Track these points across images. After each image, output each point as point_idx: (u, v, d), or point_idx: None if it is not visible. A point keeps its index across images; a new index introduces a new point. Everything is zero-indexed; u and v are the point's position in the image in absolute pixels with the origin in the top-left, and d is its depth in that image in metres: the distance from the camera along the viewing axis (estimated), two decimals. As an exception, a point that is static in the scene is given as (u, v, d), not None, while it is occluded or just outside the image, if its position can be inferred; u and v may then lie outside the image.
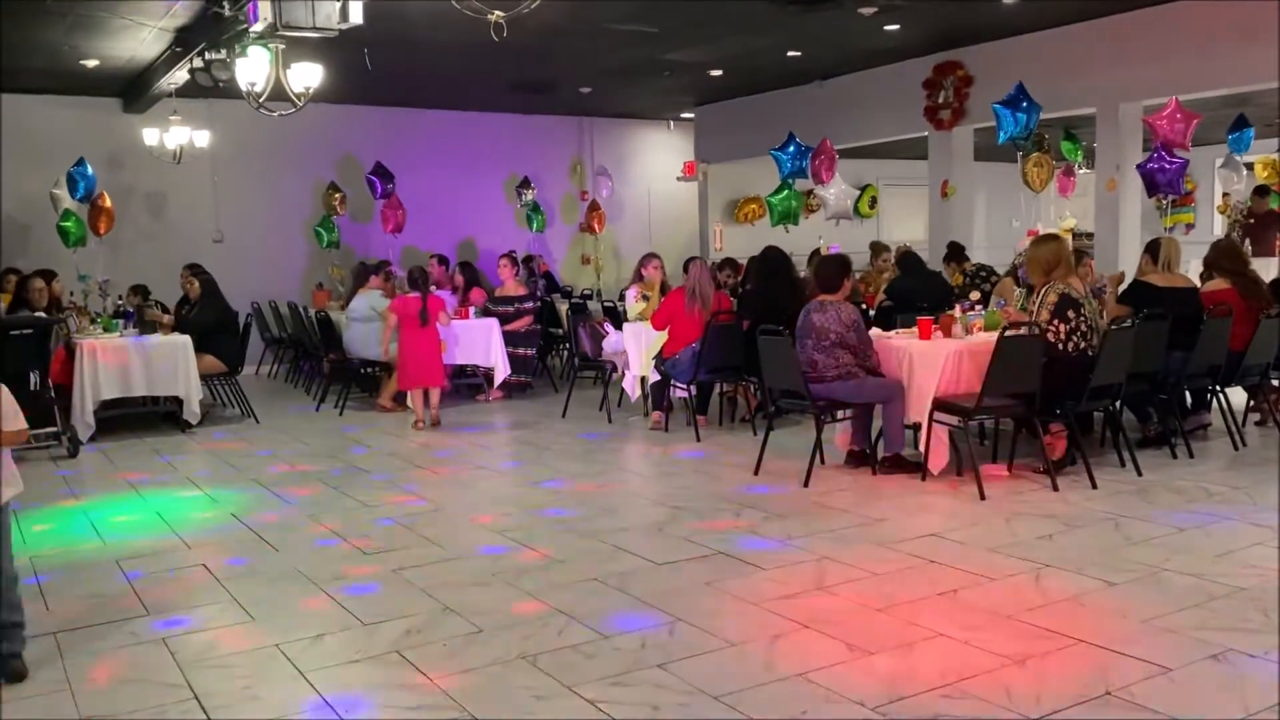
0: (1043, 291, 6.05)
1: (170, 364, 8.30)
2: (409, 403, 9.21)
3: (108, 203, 11.00)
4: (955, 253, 9.84)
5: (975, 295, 7.52)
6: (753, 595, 4.30)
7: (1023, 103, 8.79)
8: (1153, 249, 7.15)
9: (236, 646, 3.90)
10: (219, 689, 3.51)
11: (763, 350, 6.45)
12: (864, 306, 8.77)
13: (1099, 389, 6.04)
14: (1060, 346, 5.92)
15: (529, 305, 10.26)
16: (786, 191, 10.88)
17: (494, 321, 9.68)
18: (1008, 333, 5.83)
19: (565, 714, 3.27)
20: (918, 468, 6.21)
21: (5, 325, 7.70)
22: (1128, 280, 7.49)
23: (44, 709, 3.41)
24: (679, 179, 15.16)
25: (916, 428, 6.30)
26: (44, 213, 11.09)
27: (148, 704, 3.40)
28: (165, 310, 9.79)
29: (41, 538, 5.51)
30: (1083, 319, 5.98)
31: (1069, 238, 13.70)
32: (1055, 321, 5.94)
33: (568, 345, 10.76)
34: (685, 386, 7.94)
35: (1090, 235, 10.87)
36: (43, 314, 8.37)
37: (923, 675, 3.48)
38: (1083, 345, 5.96)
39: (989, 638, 3.77)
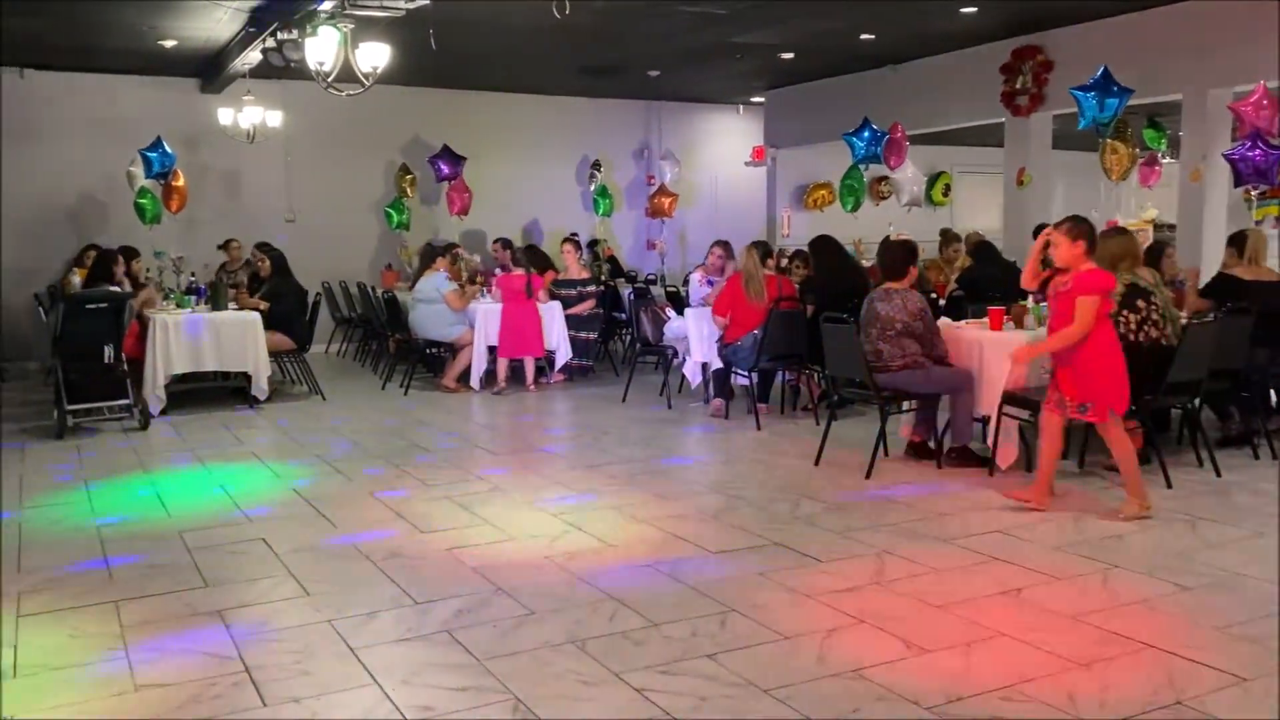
0: None
1: (240, 340, 8.43)
2: (471, 381, 9.29)
3: (180, 181, 11.22)
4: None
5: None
6: (808, 588, 4.21)
7: (1113, 88, 8.47)
8: (1237, 241, 6.86)
9: (290, 621, 3.93)
10: (270, 663, 3.53)
11: (826, 338, 6.34)
12: (934, 295, 8.57)
13: (1177, 385, 5.82)
14: (1132, 337, 5.70)
15: (592, 289, 10.24)
16: (859, 175, 10.73)
17: (556, 305, 9.68)
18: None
19: (612, 701, 3.23)
20: (985, 462, 6.05)
21: (81, 299, 7.89)
22: (1205, 275, 7.19)
23: (101, 677, 3.46)
24: (747, 164, 14.99)
25: (985, 421, 6.14)
26: (122, 190, 11.35)
27: (201, 675, 3.44)
28: (235, 286, 9.98)
29: (109, 508, 5.62)
30: (1153, 307, 5.75)
31: (1150, 229, 13.27)
32: (1124, 312, 5.72)
33: (630, 330, 10.72)
34: (746, 374, 7.84)
35: (1173, 227, 10.48)
36: (117, 289, 8.53)
37: (982, 676, 3.36)
38: (1155, 334, 5.73)
39: (1053, 639, 3.64)
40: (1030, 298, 6.63)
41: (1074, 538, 4.83)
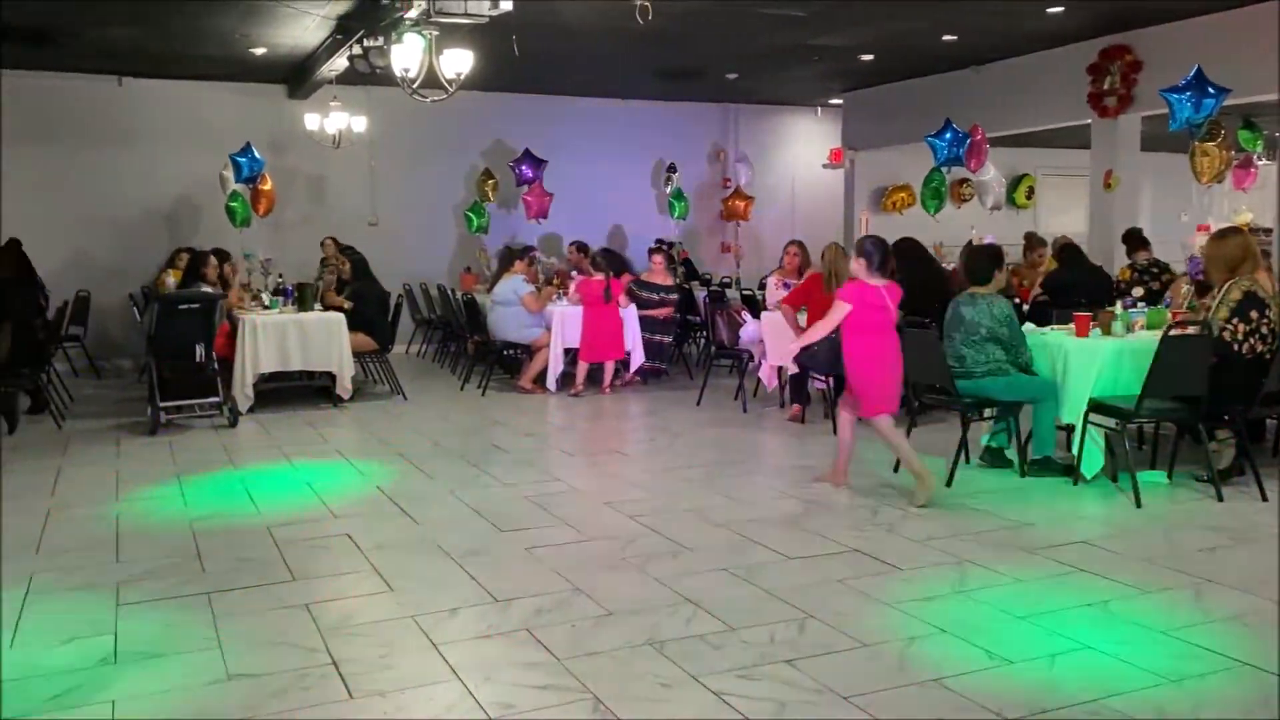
0: (1225, 287, 5.64)
1: (325, 341, 8.63)
2: (547, 383, 9.37)
3: (268, 185, 11.54)
4: (1133, 240, 9.09)
5: (1139, 291, 7.11)
6: (888, 595, 4.17)
7: (1207, 88, 8.22)
8: None
9: (374, 616, 4.02)
10: (356, 656, 3.62)
11: (907, 343, 6.24)
12: (1018, 300, 8.42)
13: (1273, 394, 5.63)
14: (1236, 347, 5.53)
15: (674, 297, 10.27)
16: (940, 178, 10.59)
17: (632, 307, 9.71)
18: (1172, 331, 5.50)
19: (690, 703, 3.24)
20: (1069, 471, 5.93)
21: (174, 300, 8.15)
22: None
23: (194, 665, 3.58)
24: (825, 166, 14.88)
25: (1069, 429, 6.01)
26: (213, 193, 11.70)
27: (289, 666, 3.53)
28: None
29: (200, 502, 5.80)
30: (1265, 320, 5.56)
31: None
32: (1234, 321, 5.54)
33: (704, 333, 10.72)
34: (823, 378, 7.78)
35: (1268, 231, 10.15)
36: (209, 290, 8.79)
37: (1067, 689, 3.30)
38: (1260, 349, 5.55)
39: (1142, 654, 3.56)
40: (1119, 303, 6.49)
41: (1164, 551, 4.71)
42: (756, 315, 8.91)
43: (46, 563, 4.71)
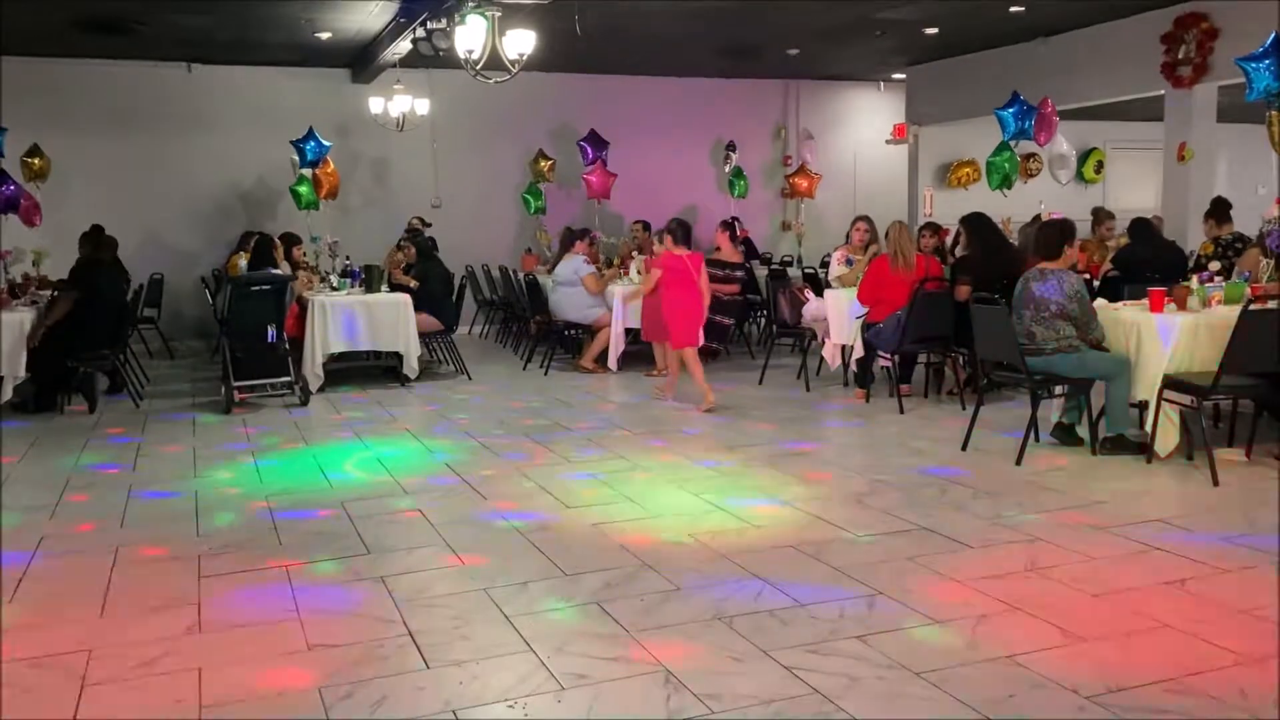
0: None
1: (392, 322, 8.77)
2: (609, 363, 9.39)
3: (330, 168, 11.70)
4: (1220, 211, 8.76)
5: (1215, 266, 6.93)
6: (958, 573, 4.14)
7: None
8: None
9: (447, 588, 4.09)
10: (431, 627, 3.69)
11: (976, 320, 6.19)
12: (1087, 276, 8.25)
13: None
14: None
15: (739, 274, 10.23)
16: (1009, 153, 10.39)
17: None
18: (1252, 306, 5.36)
19: (761, 677, 3.25)
20: (1142, 449, 5.82)
21: (247, 281, 8.33)
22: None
23: (275, 636, 3.68)
24: (888, 142, 14.69)
25: (1142, 406, 5.90)
26: (285, 178, 11.90)
27: (368, 637, 3.62)
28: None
29: (276, 478, 5.94)
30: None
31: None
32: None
33: (765, 312, 10.67)
34: (888, 356, 7.72)
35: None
36: (278, 272, 8.96)
37: (1144, 667, 3.26)
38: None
39: (1221, 633, 3.50)
40: (1195, 278, 6.34)
41: (1242, 529, 4.62)
42: (819, 293, 8.85)
43: (131, 535, 4.87)
